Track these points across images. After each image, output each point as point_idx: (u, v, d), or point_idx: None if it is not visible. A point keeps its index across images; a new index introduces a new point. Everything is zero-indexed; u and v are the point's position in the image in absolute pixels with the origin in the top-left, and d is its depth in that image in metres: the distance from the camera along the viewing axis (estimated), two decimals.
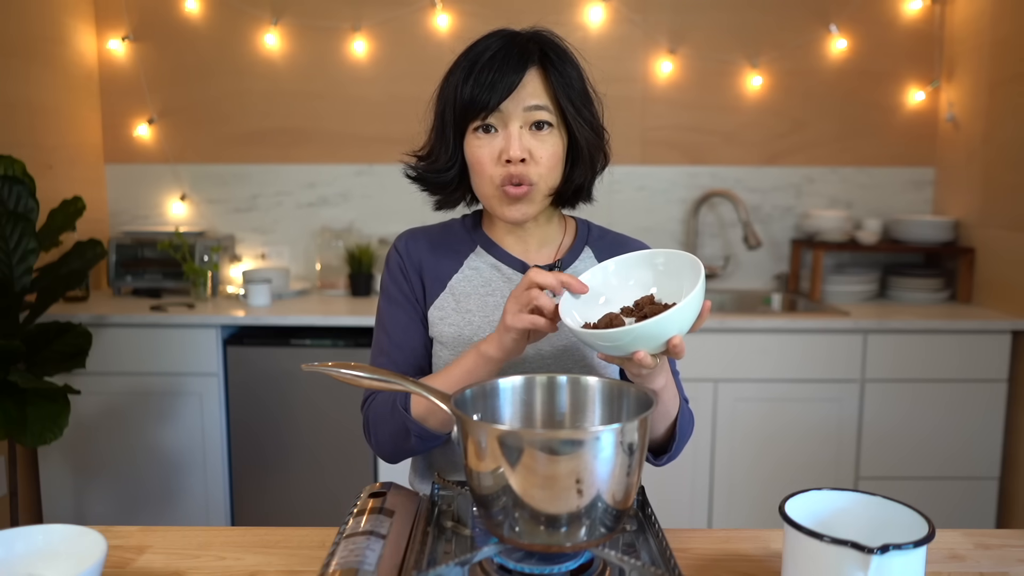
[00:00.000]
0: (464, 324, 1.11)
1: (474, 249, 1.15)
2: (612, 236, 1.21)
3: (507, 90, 1.00)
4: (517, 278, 1.13)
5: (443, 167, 1.08)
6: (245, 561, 0.94)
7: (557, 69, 1.03)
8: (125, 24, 2.89)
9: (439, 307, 1.13)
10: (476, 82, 1.00)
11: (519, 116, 1.02)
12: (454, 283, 1.13)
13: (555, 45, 1.06)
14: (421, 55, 2.90)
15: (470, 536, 0.92)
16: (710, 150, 2.98)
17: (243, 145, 2.96)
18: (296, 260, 3.01)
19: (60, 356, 2.13)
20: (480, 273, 1.13)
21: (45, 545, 0.83)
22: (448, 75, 1.07)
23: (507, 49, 1.02)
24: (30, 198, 2.05)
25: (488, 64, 1.01)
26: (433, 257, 1.15)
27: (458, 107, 1.03)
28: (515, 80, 1.00)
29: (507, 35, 1.05)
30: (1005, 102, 2.55)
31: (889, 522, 0.79)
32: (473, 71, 1.01)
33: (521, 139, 1.02)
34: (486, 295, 1.12)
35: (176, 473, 2.50)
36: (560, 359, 1.11)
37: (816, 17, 2.90)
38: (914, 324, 2.42)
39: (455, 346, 1.11)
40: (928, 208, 3.00)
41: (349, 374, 0.93)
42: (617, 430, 0.77)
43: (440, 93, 1.08)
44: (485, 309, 1.11)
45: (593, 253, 1.17)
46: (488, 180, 1.04)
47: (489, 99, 1.00)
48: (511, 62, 1.00)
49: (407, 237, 1.18)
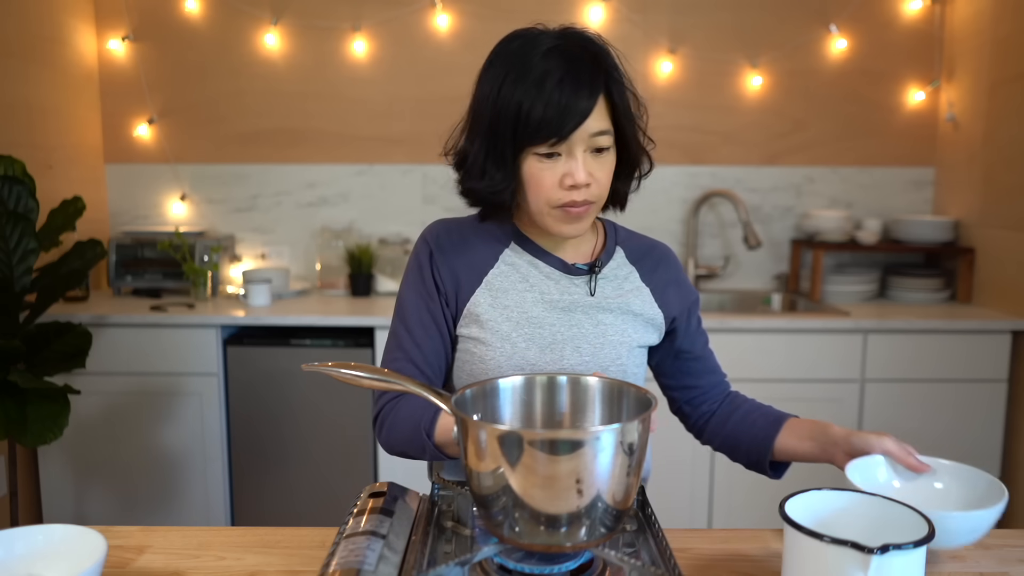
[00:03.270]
0: (503, 320, 1.09)
1: (508, 244, 1.13)
2: (638, 238, 1.22)
3: (580, 118, 0.97)
4: (556, 276, 1.12)
5: (499, 187, 1.03)
6: (245, 561, 0.94)
7: (618, 93, 1.02)
8: (125, 24, 2.89)
9: (475, 302, 1.10)
10: (547, 106, 0.96)
11: (584, 141, 1.00)
12: (491, 278, 1.11)
13: (615, 65, 1.03)
14: (421, 55, 2.90)
15: (470, 536, 0.92)
16: (710, 150, 2.98)
17: (243, 145, 2.96)
18: (296, 260, 3.01)
19: (60, 356, 2.13)
20: (517, 269, 1.12)
21: (45, 545, 0.83)
22: (502, 84, 1.00)
23: (576, 72, 0.98)
24: (30, 198, 2.04)
25: (559, 87, 0.96)
26: (467, 250, 1.12)
27: (522, 128, 0.98)
28: (588, 108, 0.98)
29: (571, 54, 0.99)
30: (1005, 102, 2.55)
31: (889, 522, 0.79)
32: (543, 92, 0.97)
33: (585, 164, 1.00)
34: (524, 291, 1.11)
35: (176, 473, 2.50)
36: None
37: (816, 17, 2.90)
38: (914, 324, 2.42)
39: (492, 342, 1.09)
40: (928, 208, 3.00)
41: (349, 374, 0.93)
42: (617, 430, 0.77)
43: (493, 104, 1.01)
44: (523, 305, 1.10)
45: (625, 254, 1.18)
46: (546, 201, 1.03)
47: (561, 128, 0.97)
48: (583, 89, 0.97)
49: (439, 228, 1.15)
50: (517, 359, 1.08)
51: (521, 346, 1.08)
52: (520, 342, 1.08)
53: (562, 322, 1.10)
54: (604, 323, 1.11)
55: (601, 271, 1.13)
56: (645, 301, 1.15)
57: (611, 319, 1.11)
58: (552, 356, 1.08)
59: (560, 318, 1.10)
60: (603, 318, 1.11)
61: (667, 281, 1.18)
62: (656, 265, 1.18)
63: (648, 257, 1.18)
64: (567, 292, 1.11)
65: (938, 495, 0.96)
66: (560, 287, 1.11)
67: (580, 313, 1.11)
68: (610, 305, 1.12)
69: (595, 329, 1.10)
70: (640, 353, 1.15)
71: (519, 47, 1.01)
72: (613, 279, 1.14)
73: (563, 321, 1.10)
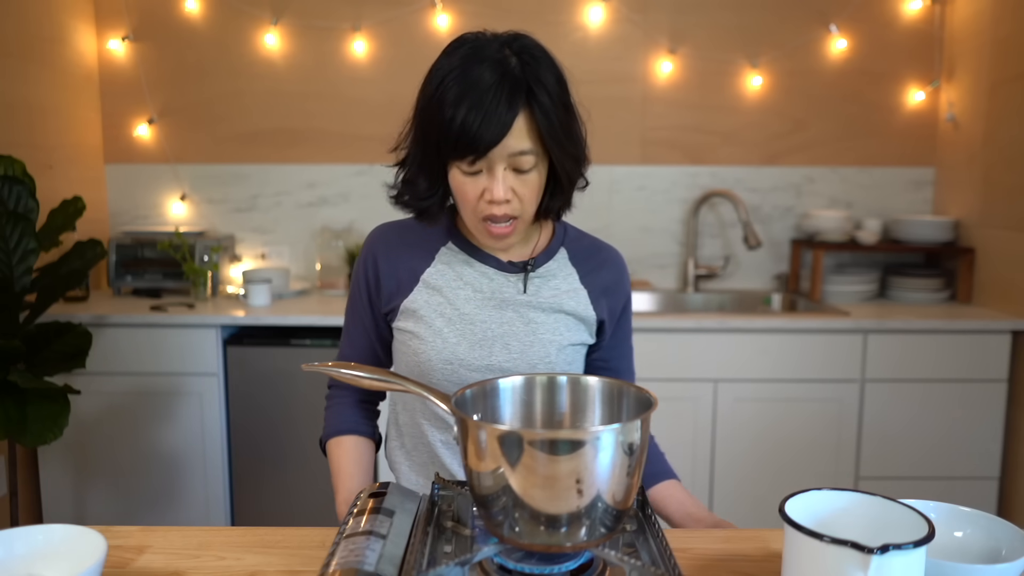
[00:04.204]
0: (436, 316, 1.13)
1: (446, 243, 1.17)
2: (589, 240, 1.22)
3: (497, 135, 0.97)
4: (491, 273, 1.14)
5: (424, 194, 1.07)
6: (245, 561, 0.94)
7: (543, 110, 0.99)
8: (125, 24, 2.89)
9: (412, 300, 1.14)
10: (464, 124, 0.96)
11: (504, 159, 1.00)
12: (427, 276, 1.15)
13: (545, 80, 1.00)
14: (421, 55, 2.87)
15: (470, 536, 0.92)
16: (710, 150, 2.98)
17: (243, 145, 2.96)
18: (296, 260, 3.01)
19: (60, 356, 2.13)
20: (452, 267, 1.15)
21: (45, 545, 0.83)
22: (433, 92, 1.00)
23: (498, 90, 0.96)
24: (30, 198, 2.04)
25: (476, 107, 0.96)
26: (405, 251, 1.17)
27: (444, 142, 0.99)
28: (506, 124, 0.97)
29: (500, 69, 0.98)
30: (1005, 102, 2.55)
31: (889, 522, 0.79)
32: (461, 109, 0.96)
33: (504, 181, 1.01)
34: (458, 288, 1.13)
35: (176, 473, 2.50)
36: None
37: (816, 17, 2.90)
38: (914, 324, 2.42)
39: (426, 336, 1.12)
40: (928, 208, 3.00)
41: (349, 374, 0.93)
42: (617, 430, 0.77)
43: (424, 111, 1.02)
44: (456, 302, 1.13)
45: (568, 255, 1.18)
46: (471, 212, 1.05)
47: (478, 144, 0.97)
48: (501, 105, 0.96)
49: (380, 233, 1.21)
50: (447, 354, 1.11)
51: (452, 341, 1.11)
52: (451, 337, 1.11)
53: (493, 319, 1.12)
54: (535, 321, 1.13)
55: (536, 270, 1.15)
56: (580, 302, 1.16)
57: (542, 317, 1.13)
58: (481, 352, 1.11)
59: (491, 315, 1.12)
60: (534, 316, 1.13)
61: (606, 285, 1.18)
62: (599, 268, 1.19)
63: (592, 259, 1.19)
64: (500, 290, 1.13)
65: (958, 544, 0.92)
66: (494, 284, 1.14)
67: (511, 311, 1.13)
68: (542, 304, 1.13)
69: (525, 327, 1.12)
70: (572, 351, 1.16)
71: (457, 58, 1.00)
72: (551, 278, 1.16)
73: (494, 318, 1.12)
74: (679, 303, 2.93)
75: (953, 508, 0.92)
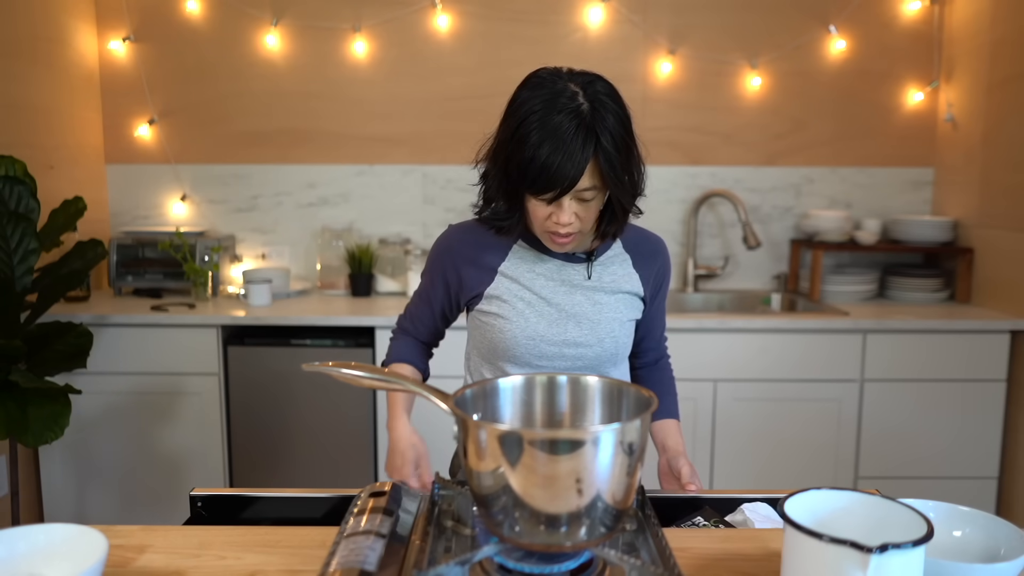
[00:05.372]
0: (517, 300, 1.30)
1: (516, 241, 1.33)
2: (635, 230, 1.39)
3: (569, 186, 1.12)
4: (558, 264, 1.31)
5: (503, 216, 1.26)
6: (245, 561, 0.94)
7: (607, 155, 1.13)
8: (126, 25, 2.89)
9: (495, 288, 1.31)
10: (545, 163, 1.11)
11: (571, 194, 1.15)
12: (503, 269, 1.31)
13: (608, 125, 1.13)
14: (421, 55, 2.90)
15: (470, 536, 0.92)
16: (710, 150, 2.98)
17: (244, 145, 2.97)
18: (296, 260, 3.02)
19: (61, 356, 2.13)
20: (524, 261, 1.32)
21: (46, 544, 0.83)
22: (515, 130, 1.13)
23: (574, 136, 1.10)
24: (31, 198, 2.05)
25: (555, 149, 1.10)
26: (481, 249, 1.32)
27: (523, 176, 1.14)
28: (580, 168, 1.11)
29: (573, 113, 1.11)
30: (1004, 102, 2.55)
31: (888, 522, 0.79)
32: (543, 146, 1.10)
33: (569, 208, 1.17)
34: (532, 278, 1.31)
35: (176, 473, 2.51)
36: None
37: (815, 18, 2.90)
38: (913, 324, 2.42)
39: (510, 316, 1.29)
40: (927, 208, 3.00)
41: (349, 374, 0.93)
42: (617, 430, 0.77)
43: (505, 144, 1.16)
44: (533, 288, 1.30)
45: (622, 244, 1.36)
46: (539, 226, 1.23)
47: (555, 185, 1.12)
48: (576, 153, 1.10)
49: (455, 233, 1.36)
50: (530, 331, 1.28)
51: (533, 320, 1.29)
52: (532, 317, 1.29)
53: (565, 301, 1.30)
54: (600, 302, 1.31)
55: (597, 259, 1.33)
56: (634, 284, 1.35)
57: (606, 298, 1.32)
58: (558, 329, 1.29)
59: (564, 298, 1.30)
60: (599, 297, 1.31)
61: (654, 269, 1.38)
62: (648, 255, 1.38)
63: (641, 247, 1.38)
64: (568, 277, 1.31)
65: (957, 544, 0.93)
66: (563, 273, 1.31)
67: (579, 294, 1.31)
68: (605, 287, 1.32)
69: (593, 307, 1.31)
70: (631, 325, 1.36)
71: (539, 102, 1.13)
72: (609, 264, 1.34)
73: (566, 300, 1.30)
74: (679, 303, 2.94)
75: (952, 508, 0.92)
